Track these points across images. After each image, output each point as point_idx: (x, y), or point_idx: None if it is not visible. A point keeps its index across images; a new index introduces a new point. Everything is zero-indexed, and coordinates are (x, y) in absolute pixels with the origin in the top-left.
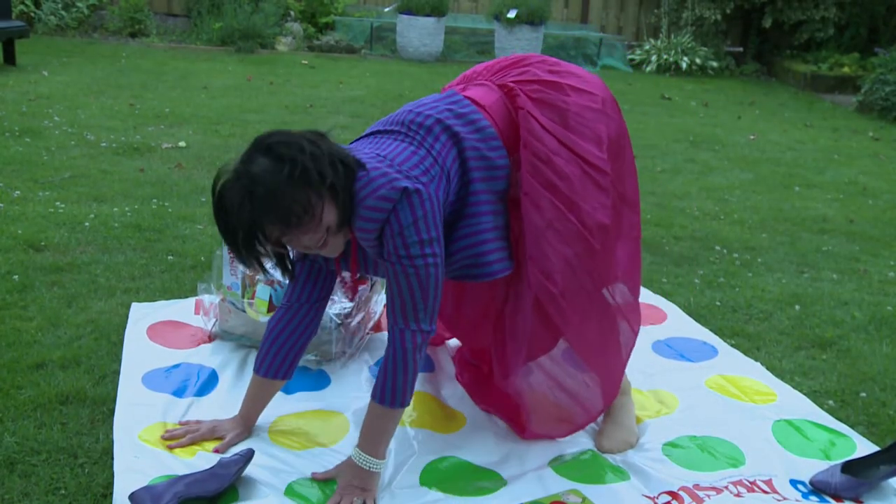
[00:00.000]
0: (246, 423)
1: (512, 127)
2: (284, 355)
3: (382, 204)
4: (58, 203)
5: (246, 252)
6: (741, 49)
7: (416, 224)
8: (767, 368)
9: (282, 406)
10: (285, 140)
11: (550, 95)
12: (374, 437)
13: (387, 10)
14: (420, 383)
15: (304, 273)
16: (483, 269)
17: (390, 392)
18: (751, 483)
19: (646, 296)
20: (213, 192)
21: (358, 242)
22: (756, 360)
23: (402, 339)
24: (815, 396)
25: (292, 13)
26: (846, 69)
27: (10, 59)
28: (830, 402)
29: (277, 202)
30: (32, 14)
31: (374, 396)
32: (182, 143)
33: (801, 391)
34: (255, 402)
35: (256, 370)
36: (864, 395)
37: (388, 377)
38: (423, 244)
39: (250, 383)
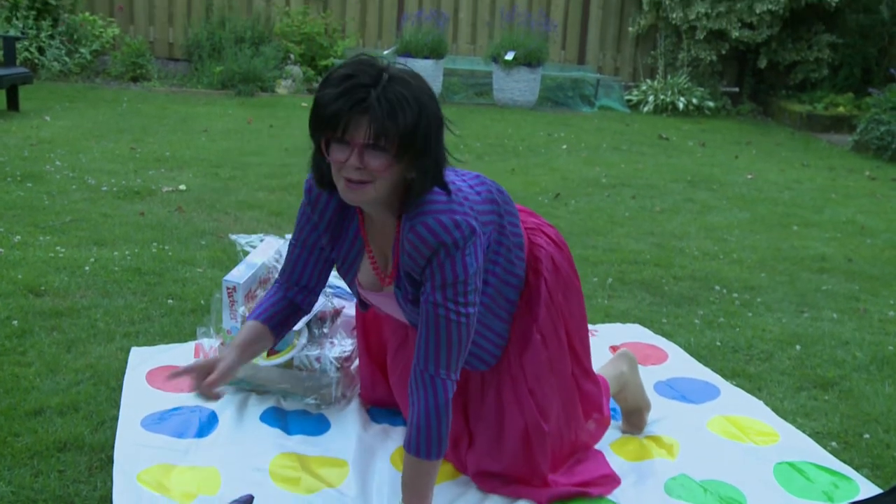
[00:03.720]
0: (237, 355)
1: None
2: (277, 321)
3: (452, 230)
4: (58, 247)
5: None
6: (737, 89)
7: (476, 276)
8: (770, 410)
9: (284, 444)
10: None
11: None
12: (419, 491)
13: (385, 52)
14: None
15: (302, 259)
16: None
17: (433, 443)
18: None
19: (646, 336)
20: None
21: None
22: (759, 400)
23: (436, 387)
24: (818, 438)
25: (292, 56)
26: (841, 109)
27: (13, 104)
28: (833, 443)
29: (418, 101)
30: (36, 61)
31: (411, 450)
32: (182, 187)
33: (803, 432)
34: (244, 345)
35: (250, 317)
36: (867, 436)
37: (426, 427)
38: (476, 293)
39: (241, 329)
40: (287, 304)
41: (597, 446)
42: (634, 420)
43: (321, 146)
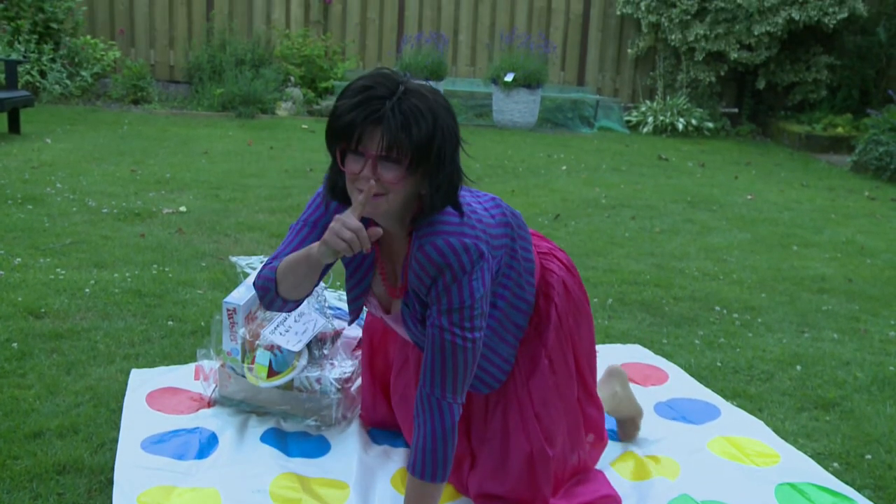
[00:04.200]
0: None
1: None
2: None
3: (461, 254)
4: (58, 269)
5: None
6: (736, 110)
7: (483, 300)
8: (771, 430)
9: (284, 466)
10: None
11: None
12: None
13: None
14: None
15: (303, 237)
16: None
17: (438, 466)
18: None
19: (647, 356)
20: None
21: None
22: (760, 420)
23: (442, 411)
24: (820, 459)
25: (292, 79)
26: (840, 130)
27: (14, 127)
28: (835, 464)
29: (432, 113)
30: (38, 84)
31: (415, 472)
32: (183, 209)
33: (805, 453)
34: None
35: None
36: (869, 457)
37: (431, 450)
38: (482, 317)
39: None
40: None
41: (597, 466)
42: (628, 428)
43: (336, 157)
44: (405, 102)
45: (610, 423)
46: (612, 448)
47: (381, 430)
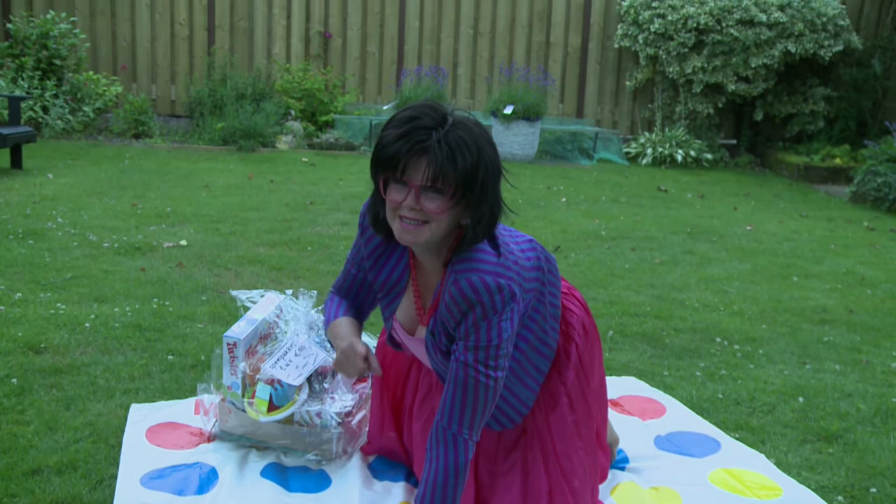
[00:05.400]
0: (354, 329)
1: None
2: (353, 314)
3: (494, 293)
4: (59, 304)
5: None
6: (734, 141)
7: (509, 341)
8: (774, 463)
9: (284, 501)
10: None
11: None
12: None
13: (385, 108)
14: None
15: (352, 277)
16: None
17: (447, 502)
18: None
19: (643, 389)
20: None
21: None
22: (761, 453)
23: (458, 446)
24: (824, 492)
25: (293, 112)
26: (838, 161)
27: (16, 163)
28: (840, 497)
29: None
30: (40, 119)
31: None
32: (183, 242)
33: (808, 486)
34: (348, 322)
35: (332, 319)
36: (874, 490)
37: (441, 485)
38: (507, 357)
39: (332, 326)
40: (349, 304)
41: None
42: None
43: (380, 186)
44: (451, 134)
45: None
46: (613, 478)
47: (383, 462)
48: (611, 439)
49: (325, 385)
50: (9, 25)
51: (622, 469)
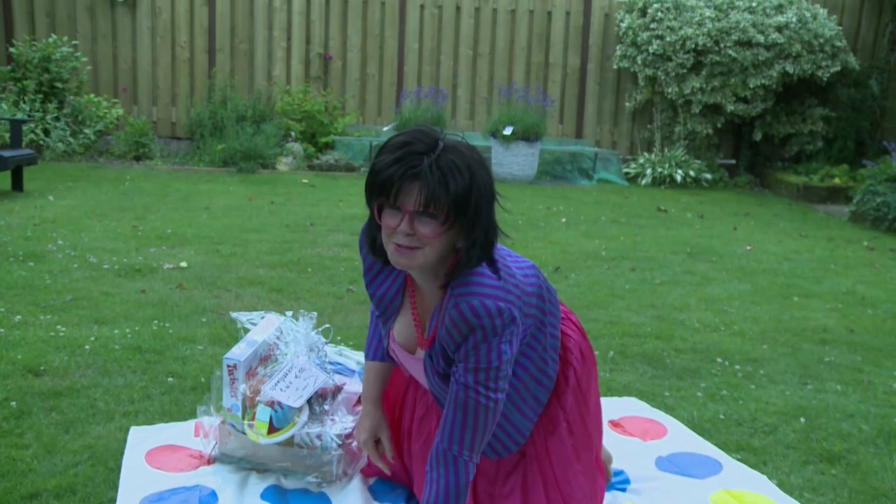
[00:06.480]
0: (378, 408)
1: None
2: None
3: (495, 316)
4: (58, 326)
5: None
6: (734, 161)
7: (509, 363)
8: (776, 484)
9: None
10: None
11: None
12: None
13: (385, 129)
14: None
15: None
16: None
17: None
18: None
19: (644, 409)
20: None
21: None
22: (763, 474)
23: (458, 468)
24: None
25: (293, 134)
26: (837, 180)
27: (17, 185)
28: None
29: (470, 169)
30: (42, 142)
31: None
32: (183, 264)
33: None
34: (375, 384)
35: (370, 357)
36: None
37: None
38: (506, 380)
39: (366, 370)
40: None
41: None
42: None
43: (374, 212)
44: (443, 158)
45: None
46: (614, 499)
47: (383, 484)
48: (604, 457)
49: (326, 407)
50: (11, 49)
51: (623, 490)
